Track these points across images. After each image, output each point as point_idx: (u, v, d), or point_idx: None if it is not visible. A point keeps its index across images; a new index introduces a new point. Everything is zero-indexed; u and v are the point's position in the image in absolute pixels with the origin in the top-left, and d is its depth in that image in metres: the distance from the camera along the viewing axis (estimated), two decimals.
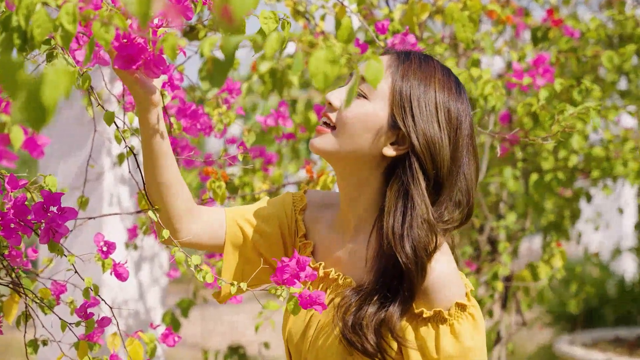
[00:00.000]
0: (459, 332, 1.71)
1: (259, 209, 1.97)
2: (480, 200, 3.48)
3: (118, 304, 3.45)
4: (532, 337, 6.43)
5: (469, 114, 1.78)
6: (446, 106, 1.74)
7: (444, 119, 1.74)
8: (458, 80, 1.80)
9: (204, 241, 1.93)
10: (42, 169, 3.50)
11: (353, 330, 1.74)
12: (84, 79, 1.77)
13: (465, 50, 3.11)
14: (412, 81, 1.74)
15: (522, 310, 3.75)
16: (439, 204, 1.76)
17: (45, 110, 1.00)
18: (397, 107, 1.74)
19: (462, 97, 1.78)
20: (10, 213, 1.77)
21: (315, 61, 1.28)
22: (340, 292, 1.81)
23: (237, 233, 1.94)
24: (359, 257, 1.83)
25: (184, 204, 1.87)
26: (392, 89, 1.75)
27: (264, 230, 1.94)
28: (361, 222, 1.83)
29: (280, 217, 1.96)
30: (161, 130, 1.80)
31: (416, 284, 1.71)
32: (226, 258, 1.95)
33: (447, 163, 1.74)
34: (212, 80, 1.29)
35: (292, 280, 1.62)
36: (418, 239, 1.70)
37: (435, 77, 1.76)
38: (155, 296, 3.63)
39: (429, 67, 1.78)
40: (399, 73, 1.76)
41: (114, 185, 3.40)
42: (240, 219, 1.95)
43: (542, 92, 2.63)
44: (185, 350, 5.95)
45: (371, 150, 1.76)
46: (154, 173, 1.83)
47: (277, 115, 2.62)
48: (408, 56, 1.79)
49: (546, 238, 3.89)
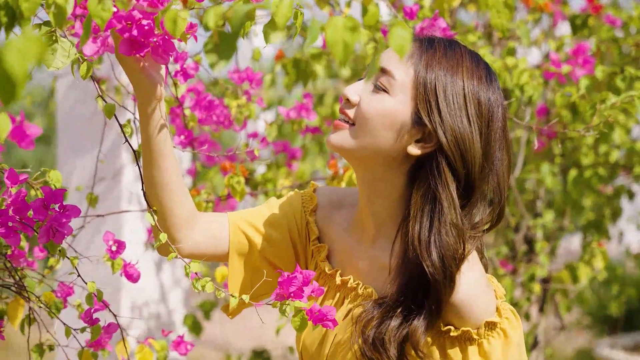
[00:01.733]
0: (488, 352, 1.58)
1: (265, 213, 1.81)
2: (517, 198, 3.33)
3: (138, 306, 3.35)
4: (571, 340, 6.28)
5: (501, 104, 1.63)
6: (476, 97, 1.59)
7: (474, 111, 1.58)
8: (488, 66, 1.64)
9: (206, 250, 1.77)
10: (60, 166, 3.39)
11: (374, 346, 1.60)
12: (86, 67, 1.63)
13: (500, 39, 2.96)
14: (437, 71, 1.59)
15: (560, 313, 3.61)
16: (470, 206, 1.61)
17: (13, 82, 0.87)
18: (422, 101, 1.58)
19: (493, 86, 1.62)
20: (10, 210, 1.64)
21: (333, 29, 1.15)
22: (360, 303, 1.67)
23: (241, 241, 1.78)
24: (380, 265, 1.69)
25: (184, 210, 1.72)
26: (415, 80, 1.59)
27: (272, 236, 1.79)
28: (382, 226, 1.68)
29: (289, 220, 1.80)
30: (163, 128, 1.65)
31: (444, 296, 1.57)
32: (231, 268, 1.79)
33: (478, 161, 1.58)
34: (219, 53, 1.15)
35: (299, 294, 1.47)
36: (446, 246, 1.56)
37: (462, 65, 1.60)
38: (177, 297, 3.51)
39: (456, 54, 1.62)
40: (422, 63, 1.60)
41: (133, 182, 3.28)
42: (245, 225, 1.79)
43: (582, 81, 2.47)
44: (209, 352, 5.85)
45: (393, 149, 1.61)
46: (152, 174, 1.68)
47: (300, 107, 2.48)
48: (432, 43, 1.63)
49: (586, 237, 3.73)
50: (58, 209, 1.63)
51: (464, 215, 1.60)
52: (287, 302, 1.47)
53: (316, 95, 3.48)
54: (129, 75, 1.61)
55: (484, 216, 1.63)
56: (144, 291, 3.38)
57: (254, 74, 2.34)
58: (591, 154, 3.44)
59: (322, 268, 1.76)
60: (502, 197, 1.64)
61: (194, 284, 1.58)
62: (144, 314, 3.39)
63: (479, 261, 1.64)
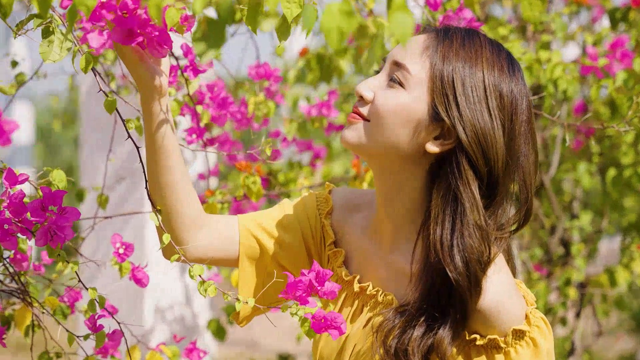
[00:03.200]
0: None
1: (277, 216, 1.72)
2: (552, 199, 3.21)
3: (162, 309, 3.28)
4: (612, 345, 6.14)
5: (525, 96, 1.53)
6: (498, 89, 1.50)
7: (496, 104, 1.49)
8: (511, 56, 1.55)
9: (215, 255, 1.69)
10: (84, 166, 3.34)
11: (396, 357, 1.51)
12: (85, 60, 1.54)
13: (534, 33, 2.84)
14: (454, 63, 1.50)
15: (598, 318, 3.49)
16: (494, 205, 1.52)
17: None
18: (439, 96, 1.50)
19: (516, 76, 1.53)
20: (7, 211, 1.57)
21: (329, 15, 1.06)
22: (380, 312, 1.58)
23: (252, 244, 1.69)
24: (400, 271, 1.59)
25: (190, 211, 1.63)
26: (432, 74, 1.51)
27: (284, 240, 1.70)
28: (401, 229, 1.59)
29: (302, 224, 1.71)
30: (167, 124, 1.57)
31: (469, 303, 1.48)
32: (242, 273, 1.70)
33: (501, 157, 1.49)
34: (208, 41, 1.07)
35: (305, 298, 1.38)
36: (470, 249, 1.47)
37: (482, 56, 1.51)
38: (202, 300, 3.43)
39: (474, 45, 1.52)
40: (438, 54, 1.51)
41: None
42: (256, 228, 1.70)
43: (619, 74, 2.35)
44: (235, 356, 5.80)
45: (410, 146, 1.52)
46: (156, 172, 1.60)
47: (321, 104, 2.38)
48: (447, 33, 1.54)
49: (625, 240, 3.60)
50: (57, 211, 1.55)
51: (488, 216, 1.51)
52: (297, 306, 1.38)
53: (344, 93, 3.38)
54: (128, 68, 1.53)
55: (510, 216, 1.54)
56: (168, 294, 3.31)
57: (272, 70, 2.25)
58: (631, 152, 3.31)
59: (339, 274, 1.67)
60: (529, 195, 1.54)
61: (198, 288, 1.49)
62: (168, 318, 3.32)
63: (506, 264, 1.55)
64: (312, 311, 1.37)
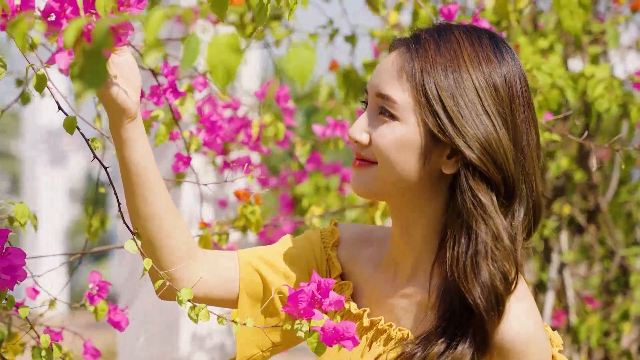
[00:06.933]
0: None
1: (280, 250, 1.58)
2: (608, 223, 2.96)
3: (200, 336, 3.15)
4: None
5: (519, 76, 1.42)
6: (490, 83, 1.39)
7: (491, 101, 1.39)
8: (493, 37, 1.44)
9: (209, 293, 1.53)
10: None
11: None
12: (37, 79, 1.37)
13: (581, 45, 2.61)
14: (435, 75, 1.38)
15: None
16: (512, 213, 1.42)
17: None
18: (429, 116, 1.39)
19: (505, 59, 1.42)
20: None
21: (214, 48, 0.89)
22: (393, 348, 1.46)
23: (254, 280, 1.55)
24: (418, 303, 1.49)
25: (178, 244, 1.48)
26: (416, 95, 1.39)
27: (288, 274, 1.56)
28: (420, 258, 1.48)
29: (307, 257, 1.58)
30: (141, 151, 1.41)
31: (489, 328, 1.39)
32: (242, 310, 1.55)
33: (510, 155, 1.39)
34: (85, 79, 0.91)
35: (309, 310, 1.28)
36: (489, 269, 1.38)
37: (462, 54, 1.40)
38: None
39: (451, 44, 1.41)
40: (416, 70, 1.39)
41: (194, 202, 3.08)
42: (259, 262, 1.55)
43: None
44: None
45: (424, 175, 1.43)
46: (134, 203, 1.44)
47: (334, 125, 2.22)
48: (419, 41, 1.41)
49: None
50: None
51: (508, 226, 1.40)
52: (301, 321, 1.28)
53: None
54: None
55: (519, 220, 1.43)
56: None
57: (281, 89, 2.09)
58: None
59: (346, 308, 1.54)
60: (534, 188, 1.43)
61: (189, 314, 1.32)
62: (207, 346, 3.20)
63: (528, 291, 1.44)
64: (319, 323, 1.27)
